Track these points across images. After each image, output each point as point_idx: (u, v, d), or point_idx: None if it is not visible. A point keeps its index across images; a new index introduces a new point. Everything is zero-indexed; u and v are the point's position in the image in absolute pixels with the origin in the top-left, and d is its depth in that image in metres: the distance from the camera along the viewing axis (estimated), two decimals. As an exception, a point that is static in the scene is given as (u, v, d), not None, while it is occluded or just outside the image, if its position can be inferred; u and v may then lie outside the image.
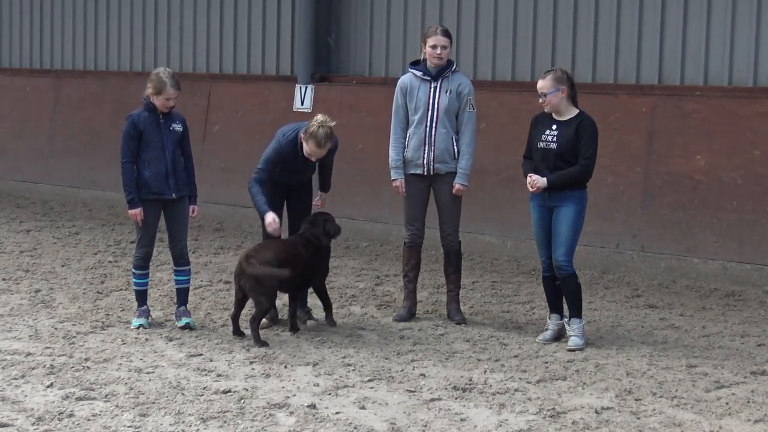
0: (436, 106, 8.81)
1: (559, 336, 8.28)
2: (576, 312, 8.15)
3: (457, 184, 8.83)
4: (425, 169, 8.85)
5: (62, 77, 15.94)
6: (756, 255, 10.17)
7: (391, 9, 12.91)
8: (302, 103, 13.17)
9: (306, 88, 13.17)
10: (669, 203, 10.67)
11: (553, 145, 8.09)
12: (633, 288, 10.22)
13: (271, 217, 8.36)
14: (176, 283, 8.64)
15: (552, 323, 8.32)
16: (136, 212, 8.32)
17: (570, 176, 8.05)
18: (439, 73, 8.83)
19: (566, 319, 8.23)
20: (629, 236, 10.81)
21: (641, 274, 10.62)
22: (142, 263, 8.51)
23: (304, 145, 8.40)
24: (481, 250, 11.44)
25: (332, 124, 8.41)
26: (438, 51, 8.75)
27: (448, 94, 8.80)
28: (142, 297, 8.53)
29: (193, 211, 8.64)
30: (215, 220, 13.43)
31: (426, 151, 8.82)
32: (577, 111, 8.14)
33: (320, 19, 13.19)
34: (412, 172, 8.90)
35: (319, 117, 8.43)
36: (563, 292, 8.22)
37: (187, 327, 8.41)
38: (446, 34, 8.82)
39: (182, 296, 8.61)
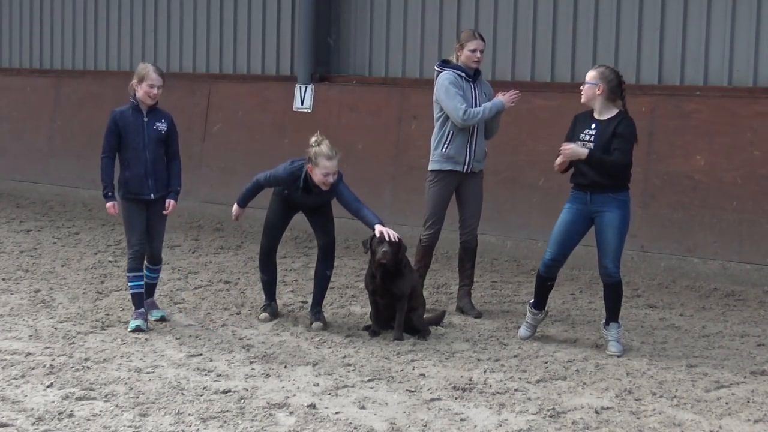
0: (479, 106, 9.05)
1: (537, 328, 8.38)
2: (615, 317, 8.04)
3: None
4: (465, 166, 9.07)
5: (62, 77, 15.95)
6: (756, 255, 10.17)
7: (391, 9, 12.91)
8: (302, 103, 13.17)
9: (306, 88, 13.17)
10: (669, 203, 10.67)
11: (591, 144, 7.90)
12: (633, 288, 10.21)
13: (237, 210, 8.75)
14: (146, 278, 8.62)
15: (531, 317, 8.32)
16: (110, 205, 8.36)
17: (608, 162, 7.80)
18: (475, 75, 9.11)
19: (602, 323, 8.14)
20: (629, 236, 10.77)
21: (641, 274, 10.62)
22: (136, 264, 8.40)
23: (315, 171, 8.27)
24: (481, 250, 11.37)
25: (324, 137, 8.36)
26: (478, 54, 9.03)
27: (485, 95, 9.10)
28: (139, 299, 8.44)
29: (168, 205, 8.49)
30: (215, 220, 13.44)
31: (469, 150, 9.06)
32: (617, 111, 7.96)
33: (320, 19, 13.19)
34: (450, 168, 9.07)
35: (312, 139, 8.36)
36: (606, 297, 8.06)
37: (162, 320, 8.56)
38: (482, 37, 9.14)
39: (150, 290, 8.73)
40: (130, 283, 8.47)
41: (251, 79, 13.98)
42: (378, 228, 8.30)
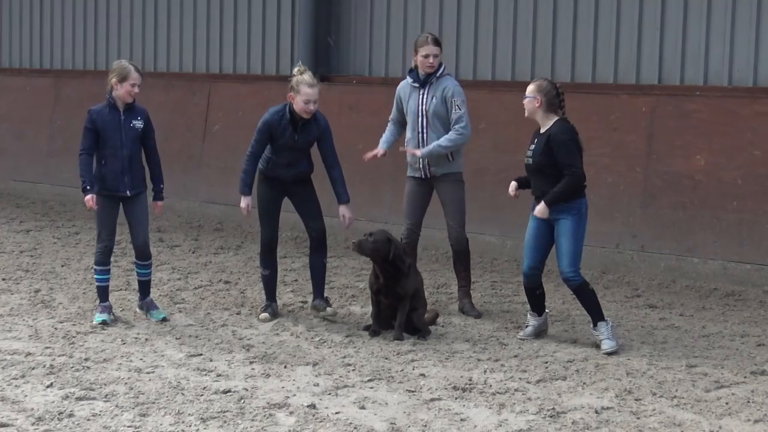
0: (424, 112, 9.07)
1: (540, 332, 8.37)
2: (599, 316, 8.08)
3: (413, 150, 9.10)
4: (422, 173, 9.14)
5: (62, 77, 15.94)
6: (756, 255, 10.17)
7: (391, 9, 12.91)
8: (302, 103, 13.15)
9: (306, 88, 13.15)
10: (669, 203, 10.67)
11: (529, 160, 8.10)
12: (633, 288, 10.22)
13: (244, 202, 8.79)
14: (138, 275, 8.79)
15: (532, 320, 8.38)
16: (88, 198, 8.39)
17: (562, 191, 7.95)
18: (426, 79, 9.06)
19: (591, 327, 8.17)
20: (629, 236, 10.81)
21: (641, 274, 10.61)
22: (103, 259, 8.57)
23: (297, 99, 8.51)
24: (481, 250, 11.43)
25: (306, 68, 8.68)
26: (430, 60, 9.02)
27: (433, 99, 9.03)
28: (104, 293, 8.61)
29: (156, 207, 8.73)
30: (215, 220, 13.43)
31: (420, 157, 9.08)
32: (553, 120, 8.06)
33: (320, 19, 13.19)
34: (411, 174, 9.23)
35: (294, 69, 8.64)
36: (579, 301, 8.19)
37: (163, 320, 8.60)
38: (437, 43, 9.10)
39: (145, 288, 8.78)
40: (96, 276, 8.61)
41: (251, 79, 13.98)
42: (341, 210, 8.78)
